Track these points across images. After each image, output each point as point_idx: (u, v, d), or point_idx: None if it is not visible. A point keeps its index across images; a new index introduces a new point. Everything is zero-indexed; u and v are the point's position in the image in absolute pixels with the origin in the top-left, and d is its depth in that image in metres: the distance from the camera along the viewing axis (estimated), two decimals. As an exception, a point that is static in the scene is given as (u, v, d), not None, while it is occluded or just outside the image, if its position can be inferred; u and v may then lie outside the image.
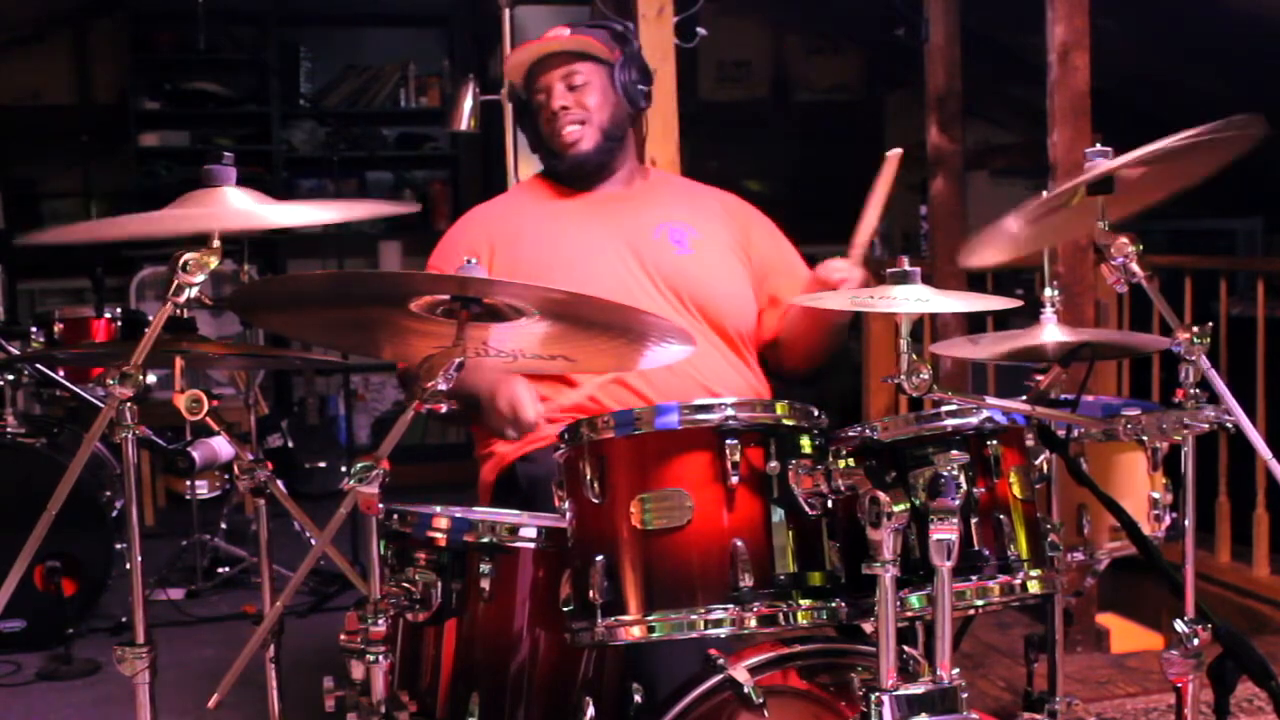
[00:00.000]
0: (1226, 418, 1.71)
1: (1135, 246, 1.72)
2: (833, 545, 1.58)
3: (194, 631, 3.87)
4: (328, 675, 1.69)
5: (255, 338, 4.32)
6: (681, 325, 1.71)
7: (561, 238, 2.39)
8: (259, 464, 1.88)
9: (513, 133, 3.52)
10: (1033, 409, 1.83)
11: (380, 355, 1.99)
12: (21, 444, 3.84)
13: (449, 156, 7.03)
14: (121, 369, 1.55)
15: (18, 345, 3.82)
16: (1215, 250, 6.28)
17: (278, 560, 2.19)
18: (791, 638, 1.72)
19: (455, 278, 1.56)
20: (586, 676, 1.76)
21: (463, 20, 6.85)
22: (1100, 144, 1.79)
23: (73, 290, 6.15)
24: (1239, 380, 3.80)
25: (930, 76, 4.28)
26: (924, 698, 1.43)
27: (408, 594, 1.66)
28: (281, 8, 6.62)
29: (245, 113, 6.78)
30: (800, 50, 7.18)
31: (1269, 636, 3.77)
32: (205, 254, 1.57)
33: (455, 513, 1.80)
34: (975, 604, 1.62)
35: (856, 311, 2.29)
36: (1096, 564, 2.34)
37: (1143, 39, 5.10)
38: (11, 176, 6.25)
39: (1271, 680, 1.74)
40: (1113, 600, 4.10)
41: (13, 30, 6.30)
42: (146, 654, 1.62)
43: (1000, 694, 3.22)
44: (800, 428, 1.59)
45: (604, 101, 2.40)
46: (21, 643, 3.65)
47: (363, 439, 6.50)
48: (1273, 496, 3.98)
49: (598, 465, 1.57)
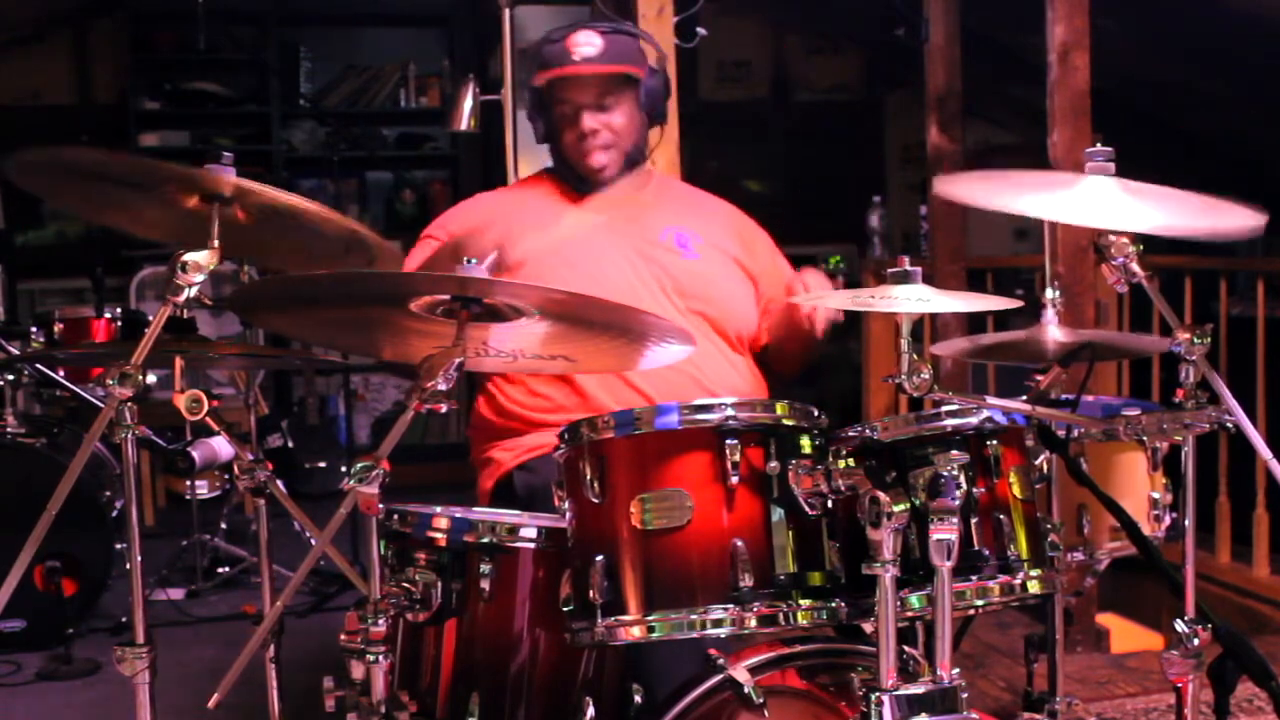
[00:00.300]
0: (1226, 418, 1.71)
1: (1135, 246, 1.72)
2: (833, 545, 1.58)
3: (194, 631, 3.87)
4: (328, 675, 1.69)
5: (255, 338, 4.32)
6: (681, 325, 1.71)
7: (562, 242, 2.38)
8: (259, 464, 1.88)
9: (513, 133, 3.52)
10: (1033, 409, 1.83)
11: (380, 355, 1.98)
12: (21, 444, 3.83)
13: (449, 156, 7.03)
14: (121, 369, 1.55)
15: (18, 345, 3.82)
16: (1215, 250, 6.26)
17: (278, 560, 2.20)
18: (791, 638, 1.72)
19: (455, 278, 1.56)
20: (586, 676, 1.76)
21: (463, 20, 6.85)
22: (1100, 144, 1.79)
23: (73, 290, 6.15)
24: (1239, 380, 3.80)
25: (930, 76, 4.28)
26: (924, 698, 1.43)
27: (408, 594, 1.66)
28: (281, 8, 6.62)
29: (245, 113, 6.78)
30: (800, 50, 7.19)
31: (1269, 636, 3.77)
32: (205, 254, 1.58)
33: (455, 513, 1.79)
34: (975, 604, 1.61)
35: (835, 324, 2.31)
36: (1096, 564, 2.34)
37: (1143, 39, 5.10)
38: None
39: (1271, 680, 1.74)
40: (1113, 600, 4.10)
41: (13, 30, 6.30)
42: (146, 654, 1.62)
43: (1000, 694, 3.22)
44: (800, 428, 1.59)
45: (630, 123, 2.40)
46: (21, 643, 3.65)
47: (363, 439, 6.50)
48: (1273, 496, 3.98)
49: (598, 465, 1.57)
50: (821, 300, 2.14)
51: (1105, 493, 1.85)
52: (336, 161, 5.39)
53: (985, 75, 5.31)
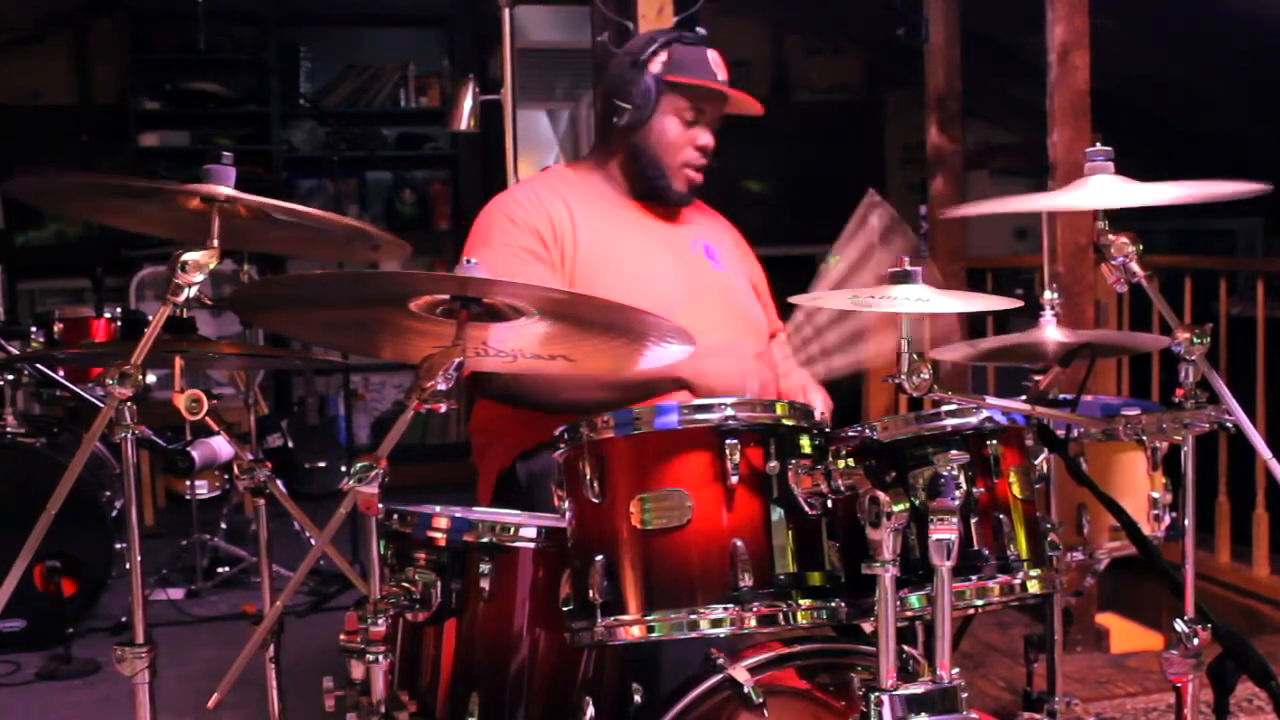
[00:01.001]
0: (1226, 417, 1.71)
1: (1135, 246, 1.72)
2: (832, 545, 1.58)
3: (194, 631, 3.88)
4: (328, 675, 1.69)
5: (255, 338, 4.32)
6: (681, 325, 1.70)
7: (617, 241, 2.35)
8: (259, 464, 1.88)
9: (513, 132, 3.52)
10: (1032, 409, 1.83)
11: (380, 355, 1.98)
12: (21, 444, 3.84)
13: (449, 156, 7.04)
14: (121, 369, 1.55)
15: (18, 345, 3.83)
16: (1215, 250, 6.28)
17: (278, 560, 2.20)
18: (791, 637, 1.72)
19: (455, 277, 1.56)
20: (586, 676, 1.76)
21: (463, 20, 6.86)
22: (1100, 144, 1.79)
23: (73, 290, 6.16)
24: (1239, 380, 3.81)
25: (930, 76, 4.28)
26: (924, 697, 1.43)
27: (408, 594, 1.66)
28: (281, 8, 6.62)
29: (245, 113, 6.78)
30: (800, 50, 7.19)
31: (1269, 636, 3.77)
32: (205, 254, 1.58)
33: (455, 513, 1.79)
34: (975, 604, 1.61)
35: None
36: (1096, 564, 2.34)
37: (1143, 39, 5.10)
38: (11, 177, 6.25)
39: (1271, 680, 1.74)
40: (1113, 600, 4.11)
41: (13, 30, 6.30)
42: (146, 654, 1.62)
43: (1000, 694, 3.22)
44: (800, 428, 1.59)
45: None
46: (21, 643, 3.65)
47: (362, 439, 6.50)
48: (1273, 496, 3.98)
49: (597, 465, 1.57)
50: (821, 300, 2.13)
51: (1105, 492, 1.85)
52: (336, 161, 5.39)
53: (985, 75, 5.31)
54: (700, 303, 2.31)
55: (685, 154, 2.36)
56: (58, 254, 6.42)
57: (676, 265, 2.37)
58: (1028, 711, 2.40)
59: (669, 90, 2.33)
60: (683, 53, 2.35)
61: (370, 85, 6.93)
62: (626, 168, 2.39)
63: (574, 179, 2.44)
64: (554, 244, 2.29)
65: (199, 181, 1.63)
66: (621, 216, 2.39)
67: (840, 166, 6.78)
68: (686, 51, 2.35)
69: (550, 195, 2.36)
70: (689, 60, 2.35)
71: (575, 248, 2.29)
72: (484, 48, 6.40)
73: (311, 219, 1.76)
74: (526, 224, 2.29)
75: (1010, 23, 4.97)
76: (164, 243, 1.73)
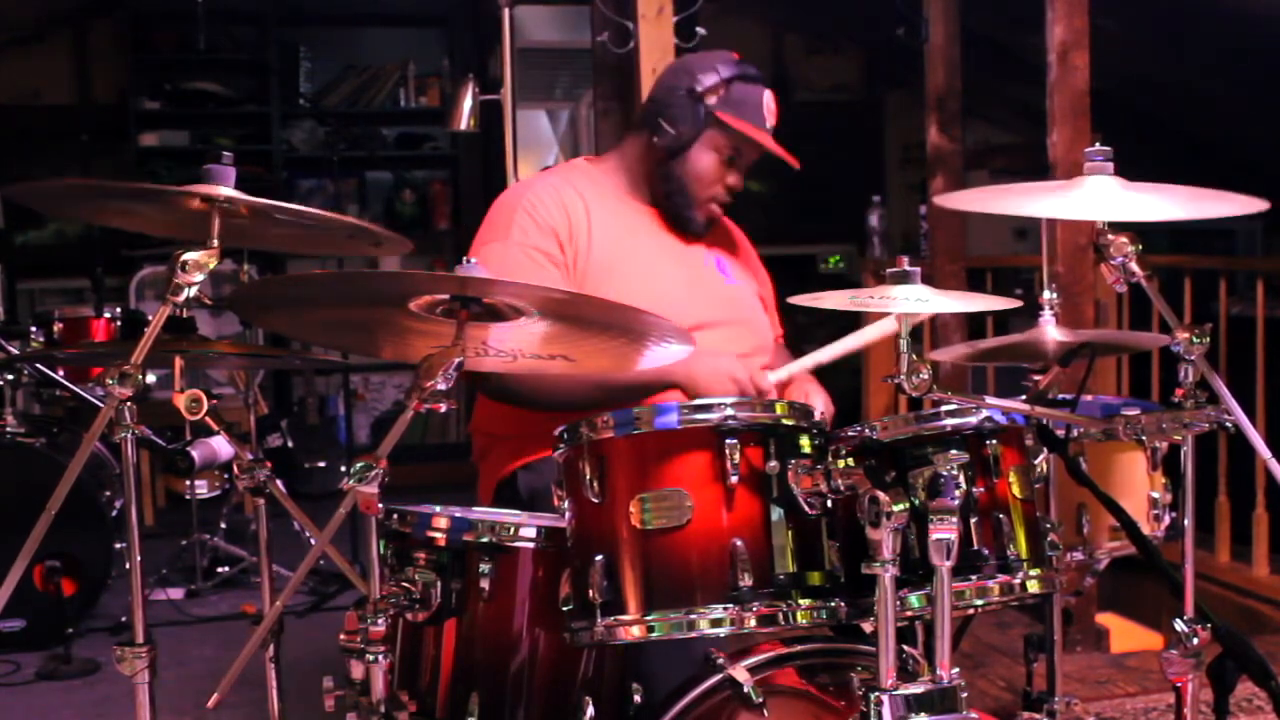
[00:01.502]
0: (1226, 417, 1.71)
1: (1135, 246, 1.72)
2: (832, 545, 1.58)
3: (194, 631, 3.87)
4: (328, 675, 1.69)
5: (255, 338, 4.32)
6: (681, 326, 1.70)
7: (630, 245, 2.34)
8: (258, 464, 1.88)
9: (512, 132, 3.52)
10: (1032, 409, 1.83)
11: (380, 355, 1.98)
12: (21, 444, 3.84)
13: (449, 156, 7.04)
14: (121, 369, 1.55)
15: (18, 345, 3.82)
16: (1215, 250, 6.28)
17: (278, 560, 2.20)
18: (791, 637, 1.72)
19: (455, 277, 1.56)
20: (586, 676, 1.76)
21: (463, 20, 6.86)
22: (1100, 144, 1.79)
23: (73, 290, 6.16)
24: (1239, 380, 3.81)
25: (930, 76, 4.28)
26: (924, 697, 1.43)
27: (407, 594, 1.66)
28: (281, 8, 6.62)
29: (245, 113, 6.78)
30: (800, 50, 7.18)
31: (1269, 636, 3.77)
32: (205, 254, 1.58)
33: (455, 512, 1.80)
34: (975, 604, 1.62)
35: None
36: (1096, 564, 2.34)
37: (1143, 39, 5.10)
38: (11, 176, 6.25)
39: (1271, 680, 1.74)
40: (1113, 600, 4.11)
41: (13, 30, 6.30)
42: (146, 654, 1.62)
43: (1000, 694, 3.22)
44: (799, 427, 1.59)
45: None
46: (21, 642, 3.65)
47: (362, 439, 6.50)
48: (1272, 496, 3.98)
49: (597, 465, 1.57)
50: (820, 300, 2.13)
51: (1105, 492, 1.85)
52: (336, 161, 5.39)
53: (985, 75, 5.31)
54: (708, 316, 2.31)
55: (714, 190, 2.35)
56: (57, 254, 6.42)
57: (687, 277, 2.37)
58: (1027, 711, 2.40)
59: (715, 125, 2.30)
60: (741, 91, 2.31)
61: (370, 85, 6.93)
62: (651, 179, 2.38)
63: (596, 176, 2.41)
64: (569, 244, 2.28)
65: (199, 181, 1.63)
66: (638, 222, 2.38)
67: (840, 166, 6.78)
68: (745, 91, 2.31)
69: (570, 192, 2.33)
70: (746, 102, 2.31)
71: (589, 246, 2.28)
72: (484, 48, 6.40)
73: (312, 219, 1.76)
74: (546, 224, 2.27)
75: (1010, 23, 4.97)
76: (164, 243, 1.73)
